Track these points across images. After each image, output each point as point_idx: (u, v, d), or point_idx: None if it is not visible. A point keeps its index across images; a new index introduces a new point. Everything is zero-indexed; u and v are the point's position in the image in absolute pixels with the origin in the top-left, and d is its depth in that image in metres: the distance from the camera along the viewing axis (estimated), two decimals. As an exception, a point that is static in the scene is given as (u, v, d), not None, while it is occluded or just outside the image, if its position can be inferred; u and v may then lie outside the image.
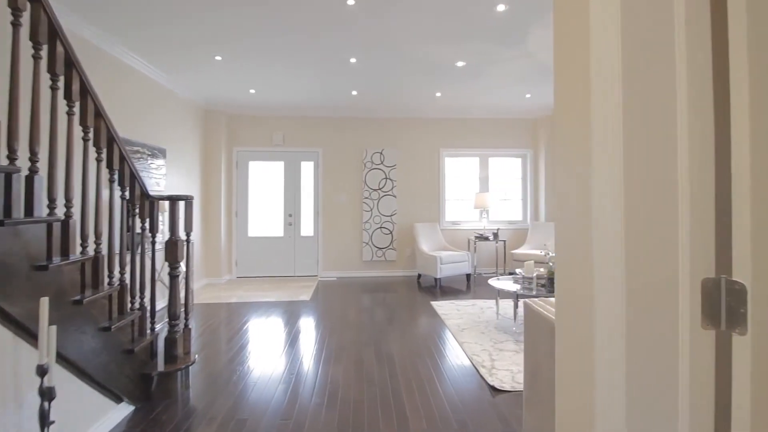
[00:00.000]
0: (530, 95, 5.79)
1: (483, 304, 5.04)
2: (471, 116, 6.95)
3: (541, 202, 6.89)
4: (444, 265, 6.01)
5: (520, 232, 7.06)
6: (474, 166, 7.12)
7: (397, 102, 6.15)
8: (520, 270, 4.34)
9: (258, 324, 4.32)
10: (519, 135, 7.05)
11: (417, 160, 6.93)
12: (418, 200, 6.94)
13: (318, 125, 6.77)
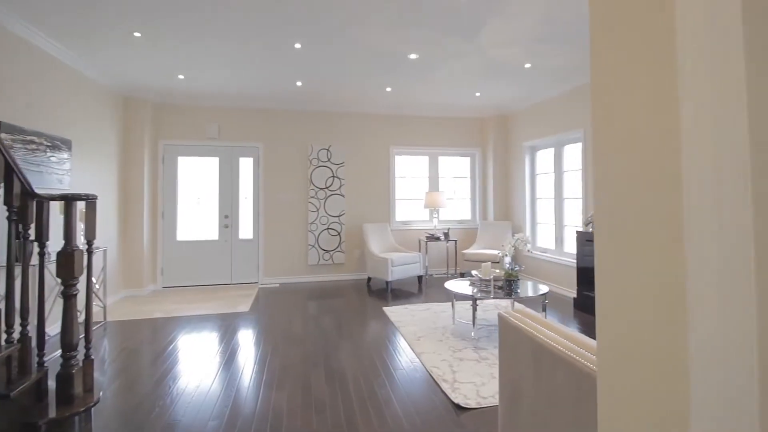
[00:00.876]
0: (479, 94, 5.69)
1: (437, 307, 4.83)
2: (421, 114, 6.75)
3: (489, 202, 6.85)
4: (395, 267, 5.74)
5: (469, 232, 6.98)
6: (424, 164, 6.93)
7: (346, 95, 5.77)
8: (475, 272, 4.16)
9: (187, 343, 3.74)
10: (467, 134, 6.97)
11: (366, 158, 6.60)
12: (367, 200, 6.62)
13: (259, 118, 6.20)
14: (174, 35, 3.69)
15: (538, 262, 5.96)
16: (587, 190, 4.98)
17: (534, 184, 6.27)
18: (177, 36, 3.70)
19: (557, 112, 5.50)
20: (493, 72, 4.72)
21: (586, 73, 4.73)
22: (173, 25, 3.48)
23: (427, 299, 5.27)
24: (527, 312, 1.86)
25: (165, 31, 3.60)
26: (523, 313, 1.86)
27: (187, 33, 3.64)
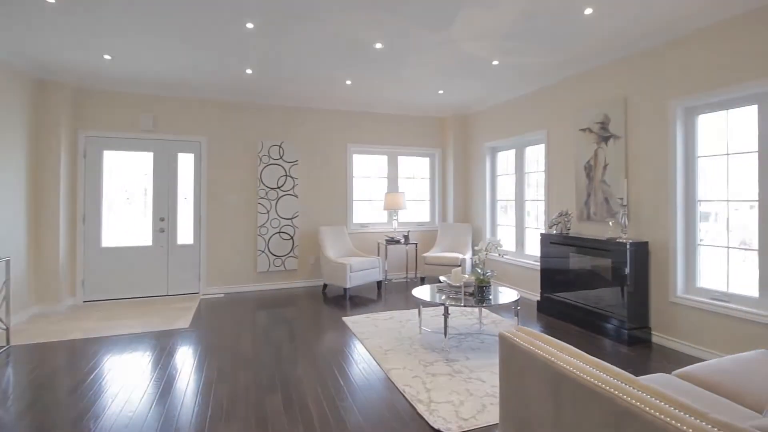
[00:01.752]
0: (443, 92, 5.50)
1: (401, 316, 4.53)
2: (381, 111, 6.46)
3: (449, 204, 6.70)
4: (354, 273, 5.38)
5: (429, 234, 6.79)
6: (383, 164, 6.64)
7: (302, 88, 5.33)
8: (444, 277, 3.92)
9: (113, 370, 3.14)
10: (428, 134, 6.78)
11: (323, 156, 6.18)
12: (323, 201, 6.20)
13: (202, 109, 5.58)
14: (98, 4, 3.08)
15: (498, 265, 5.88)
16: (550, 191, 4.94)
17: (494, 185, 6.19)
18: (102, 5, 3.10)
19: (520, 113, 5.44)
20: (460, 68, 4.53)
21: (553, 74, 4.68)
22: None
23: (389, 306, 4.96)
24: (535, 333, 1.60)
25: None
26: (531, 333, 1.60)
27: (116, 2, 3.05)
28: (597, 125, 4.21)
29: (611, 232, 3.98)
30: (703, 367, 2.06)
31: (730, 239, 3.29)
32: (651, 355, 3.41)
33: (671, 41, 3.53)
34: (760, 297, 3.06)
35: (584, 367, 1.27)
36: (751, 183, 3.12)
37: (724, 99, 3.23)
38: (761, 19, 2.94)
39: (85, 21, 3.38)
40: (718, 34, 3.21)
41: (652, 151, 3.72)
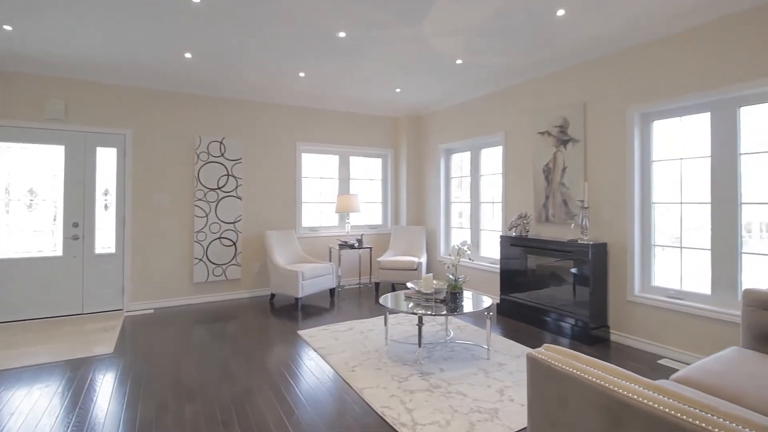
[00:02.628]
0: (400, 90, 5.31)
1: (361, 326, 4.23)
2: (333, 108, 6.10)
3: (402, 206, 6.53)
4: (307, 281, 4.97)
5: (381, 238, 6.56)
6: (333, 164, 6.29)
7: (249, 78, 4.82)
8: (411, 284, 3.70)
9: (13, 415, 2.47)
10: (381, 133, 6.55)
11: (270, 155, 5.68)
12: (270, 203, 5.70)
13: (128, 97, 4.83)
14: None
15: (453, 268, 5.81)
16: (507, 193, 4.95)
17: (449, 187, 6.13)
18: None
19: (477, 115, 5.41)
20: (422, 65, 4.35)
21: (513, 77, 4.68)
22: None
23: (346, 316, 4.64)
24: (569, 352, 1.40)
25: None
26: (565, 353, 1.40)
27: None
28: (556, 129, 4.27)
29: (572, 233, 4.04)
30: (696, 370, 2.04)
31: (683, 240, 3.45)
32: (612, 354, 3.47)
33: (630, 48, 3.65)
34: (712, 294, 3.22)
35: (653, 396, 1.09)
36: (704, 186, 3.28)
37: (678, 106, 3.38)
38: (714, 32, 3.11)
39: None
40: (674, 44, 3.35)
41: (610, 155, 3.82)
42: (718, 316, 3.10)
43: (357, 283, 6.29)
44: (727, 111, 3.13)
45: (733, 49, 3.01)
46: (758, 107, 2.99)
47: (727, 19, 3.04)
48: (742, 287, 3.07)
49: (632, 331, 3.65)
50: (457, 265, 3.34)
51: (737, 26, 2.99)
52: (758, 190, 3.00)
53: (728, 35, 3.03)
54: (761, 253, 3.02)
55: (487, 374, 3.05)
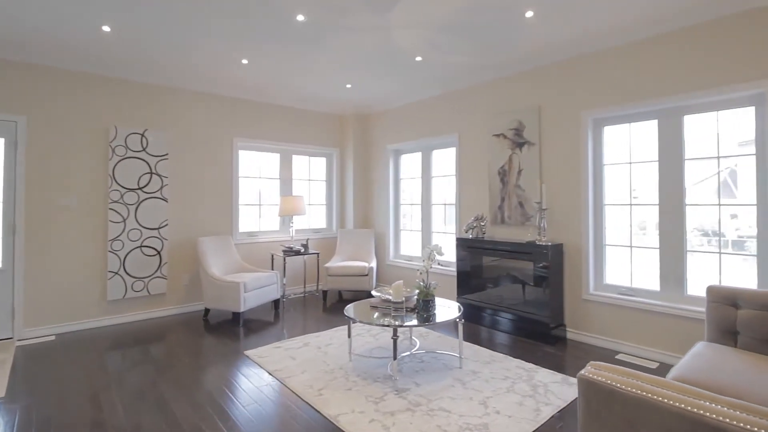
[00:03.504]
0: (351, 86, 5.01)
1: (317, 340, 3.86)
2: (276, 101, 5.59)
3: (348, 208, 6.23)
4: (249, 293, 4.45)
5: (326, 242, 6.18)
6: (274, 163, 5.78)
7: (181, 62, 4.17)
8: (377, 292, 3.44)
9: None
10: (326, 132, 6.18)
11: (202, 151, 5.02)
12: (202, 206, 5.03)
13: (20, 76, 3.90)
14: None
15: (403, 271, 5.66)
16: (461, 196, 4.91)
17: (398, 189, 5.97)
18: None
19: (430, 115, 5.30)
20: (379, 60, 4.11)
21: (469, 78, 4.63)
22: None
23: (296, 330, 4.22)
24: (624, 370, 1.25)
25: None
26: (622, 372, 1.24)
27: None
28: (512, 131, 4.30)
29: (530, 235, 4.09)
30: (688, 371, 2.05)
31: (633, 239, 3.64)
32: (573, 352, 3.54)
33: (584, 55, 3.77)
34: (660, 290, 3.43)
35: (755, 420, 0.96)
36: (653, 188, 3.48)
37: (628, 113, 3.56)
38: (662, 45, 3.31)
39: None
40: (625, 53, 3.52)
41: (565, 159, 3.92)
42: (667, 311, 3.29)
43: (302, 291, 5.84)
44: (672, 119, 3.35)
45: (679, 62, 3.23)
46: (700, 116, 3.23)
47: (673, 34, 3.24)
48: (687, 283, 3.30)
49: (588, 328, 3.77)
50: (429, 270, 3.15)
51: (682, 41, 3.20)
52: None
53: (674, 49, 3.24)
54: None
55: (465, 385, 2.89)
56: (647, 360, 3.33)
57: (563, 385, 2.89)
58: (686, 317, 3.20)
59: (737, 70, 2.95)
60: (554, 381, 2.95)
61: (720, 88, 3.02)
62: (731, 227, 3.14)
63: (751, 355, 2.23)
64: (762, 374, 1.95)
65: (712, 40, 3.05)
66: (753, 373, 1.96)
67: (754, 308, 2.36)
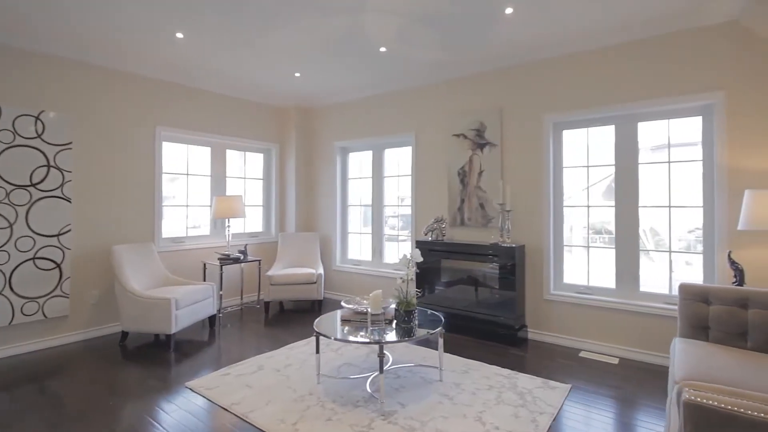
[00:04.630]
0: (300, 75, 4.55)
1: (272, 362, 3.37)
2: (210, 87, 4.87)
3: (290, 209, 5.71)
4: (182, 310, 3.78)
5: (265, 248, 5.59)
6: (205, 158, 5.05)
7: (93, 30, 3.36)
8: (348, 302, 3.09)
9: None
10: (265, 125, 5.58)
11: (116, 140, 4.16)
12: (117, 206, 4.17)
13: None
14: None
15: (351, 277, 5.33)
16: (417, 197, 4.74)
17: (345, 189, 5.61)
18: None
19: (384, 112, 5.04)
20: (339, 47, 3.75)
21: (433, 75, 4.45)
22: None
23: (243, 351, 3.67)
24: (733, 390, 1.13)
25: None
26: (730, 392, 1.11)
27: None
28: (472, 132, 4.24)
29: (494, 236, 4.05)
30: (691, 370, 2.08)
31: (590, 240, 3.78)
32: (538, 352, 3.56)
33: (546, 59, 3.83)
34: (616, 288, 3.60)
35: None
36: (609, 190, 3.65)
37: (587, 118, 3.69)
38: (622, 53, 3.46)
39: None
40: (586, 60, 3.63)
41: (527, 161, 3.95)
42: (623, 307, 3.46)
43: (239, 304, 5.19)
44: (628, 125, 3.54)
45: (635, 72, 3.41)
46: (653, 123, 3.45)
47: (630, 44, 3.42)
48: (641, 281, 3.50)
49: (550, 328, 3.83)
50: (408, 280, 2.90)
51: (639, 52, 3.38)
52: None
53: (631, 59, 3.42)
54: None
55: (452, 400, 2.69)
56: (608, 356, 3.47)
57: (546, 389, 2.84)
58: (642, 313, 3.38)
59: (687, 82, 3.18)
60: (537, 386, 2.89)
61: (671, 99, 3.24)
62: (680, 228, 3.39)
63: (727, 349, 2.36)
64: (760, 369, 2.04)
65: (666, 53, 3.27)
66: (752, 369, 2.04)
67: (724, 304, 2.51)
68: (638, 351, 3.38)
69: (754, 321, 2.40)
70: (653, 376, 3.08)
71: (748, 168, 2.95)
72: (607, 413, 2.55)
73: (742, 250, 2.96)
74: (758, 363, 2.13)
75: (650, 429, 2.37)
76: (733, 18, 2.96)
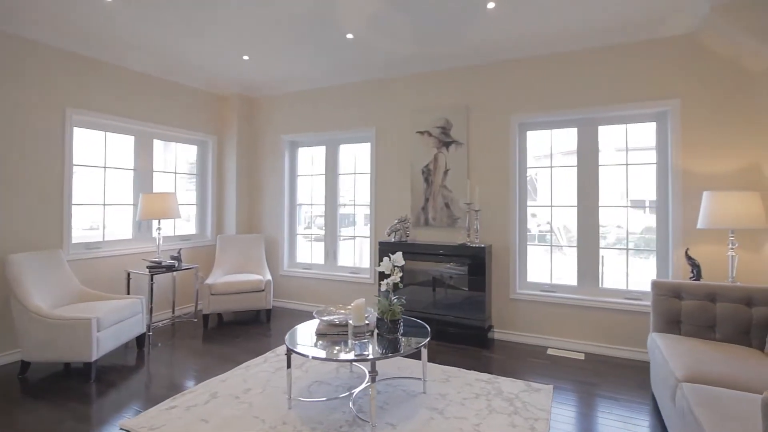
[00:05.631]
0: (249, 58, 4.03)
1: (227, 387, 2.89)
2: (134, 65, 4.10)
3: (229, 209, 5.10)
4: (106, 331, 3.12)
5: (201, 252, 4.93)
6: (127, 149, 4.28)
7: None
8: (319, 314, 2.74)
9: None
10: (201, 113, 4.90)
11: (12, 123, 3.29)
12: (12, 205, 3.31)
13: None
14: None
15: (301, 282, 4.92)
16: (377, 195, 4.49)
17: (294, 187, 5.16)
18: None
19: (343, 105, 4.68)
20: (303, 29, 3.35)
21: (398, 68, 4.21)
22: None
23: (185, 374, 3.12)
24: None
25: None
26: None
27: None
28: (438, 129, 4.11)
29: (461, 237, 3.95)
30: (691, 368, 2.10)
31: (553, 239, 3.85)
32: (507, 352, 3.53)
33: (513, 60, 3.81)
34: (578, 285, 3.70)
35: None
36: (571, 191, 3.74)
37: (551, 120, 3.75)
38: (585, 58, 3.56)
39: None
40: (552, 62, 3.68)
41: (493, 160, 3.92)
42: (585, 303, 3.57)
43: (169, 318, 4.49)
44: (589, 128, 3.66)
45: (598, 77, 3.53)
46: (612, 127, 3.60)
47: (595, 51, 3.53)
48: (602, 278, 3.64)
49: (516, 327, 3.84)
50: (392, 283, 2.64)
51: (601, 58, 3.51)
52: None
53: (595, 64, 3.53)
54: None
55: (443, 413, 2.50)
56: (575, 352, 3.55)
57: (531, 393, 2.78)
58: (604, 308, 3.51)
59: (645, 89, 3.36)
60: (522, 390, 2.81)
61: (630, 104, 3.41)
62: (638, 226, 3.59)
63: (702, 342, 2.47)
64: (740, 360, 2.13)
65: (627, 61, 3.42)
66: (737, 362, 2.13)
67: (695, 299, 2.65)
68: (602, 345, 3.51)
69: (722, 314, 2.55)
70: (621, 370, 3.19)
71: (701, 171, 3.19)
72: (595, 412, 2.55)
73: (696, 247, 3.19)
74: (739, 355, 2.24)
75: (638, 425, 2.40)
76: (690, 31, 3.18)
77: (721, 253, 3.10)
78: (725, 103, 3.11)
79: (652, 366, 2.70)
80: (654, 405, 2.64)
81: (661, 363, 2.35)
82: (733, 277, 2.83)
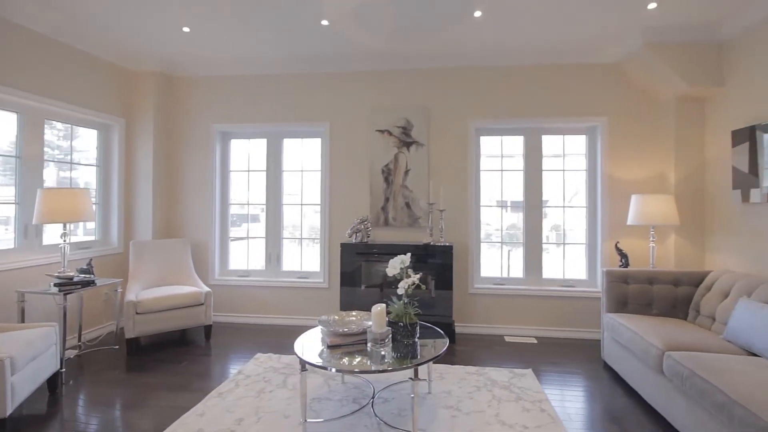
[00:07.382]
0: (190, 30, 3.40)
1: (211, 424, 2.42)
2: (20, 20, 3.04)
3: (142, 209, 4.23)
4: (21, 373, 2.32)
5: (108, 262, 3.98)
6: (9, 129, 3.19)
7: None
8: (323, 324, 2.51)
9: None
10: (105, 89, 3.92)
11: None
12: None
13: None
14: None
15: (237, 290, 4.39)
16: (331, 194, 4.26)
17: (227, 184, 4.54)
18: None
19: (291, 94, 4.27)
20: (266, 6, 2.98)
21: (360, 62, 4.02)
22: None
23: (140, 418, 2.52)
24: None
25: None
26: None
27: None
28: (398, 129, 4.10)
29: (425, 237, 4.02)
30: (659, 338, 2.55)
31: (503, 236, 4.23)
32: (472, 343, 3.76)
33: (471, 67, 4.03)
34: (524, 277, 4.15)
35: None
36: (518, 192, 4.16)
37: (502, 127, 4.10)
38: (536, 74, 3.98)
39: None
40: (506, 73, 4.01)
41: (453, 162, 4.09)
42: (530, 293, 4.02)
43: (76, 346, 3.51)
44: (535, 137, 4.11)
45: (543, 91, 3.99)
46: (552, 137, 4.12)
47: (542, 68, 3.98)
48: (543, 270, 4.13)
49: (475, 319, 4.09)
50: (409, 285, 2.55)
51: (547, 74, 3.98)
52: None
53: (541, 79, 3.99)
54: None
55: (461, 410, 2.55)
56: (528, 338, 3.96)
57: (520, 378, 3.02)
58: (547, 296, 4.00)
59: (580, 106, 3.94)
60: (511, 378, 3.03)
61: (567, 118, 3.95)
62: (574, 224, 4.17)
63: (645, 318, 3.03)
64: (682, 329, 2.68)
65: (567, 80, 3.95)
66: (682, 330, 2.67)
67: (638, 283, 3.22)
68: (549, 329, 3.99)
69: (658, 294, 3.17)
70: (572, 349, 3.68)
71: (623, 177, 3.89)
72: (579, 389, 2.90)
73: (623, 240, 3.87)
74: (679, 325, 2.81)
75: (613, 394, 2.82)
76: (619, 60, 3.83)
77: (642, 245, 3.84)
78: (641, 123, 3.85)
79: (606, 342, 3.20)
80: (612, 373, 3.13)
81: (630, 338, 2.80)
82: (653, 264, 3.54)
